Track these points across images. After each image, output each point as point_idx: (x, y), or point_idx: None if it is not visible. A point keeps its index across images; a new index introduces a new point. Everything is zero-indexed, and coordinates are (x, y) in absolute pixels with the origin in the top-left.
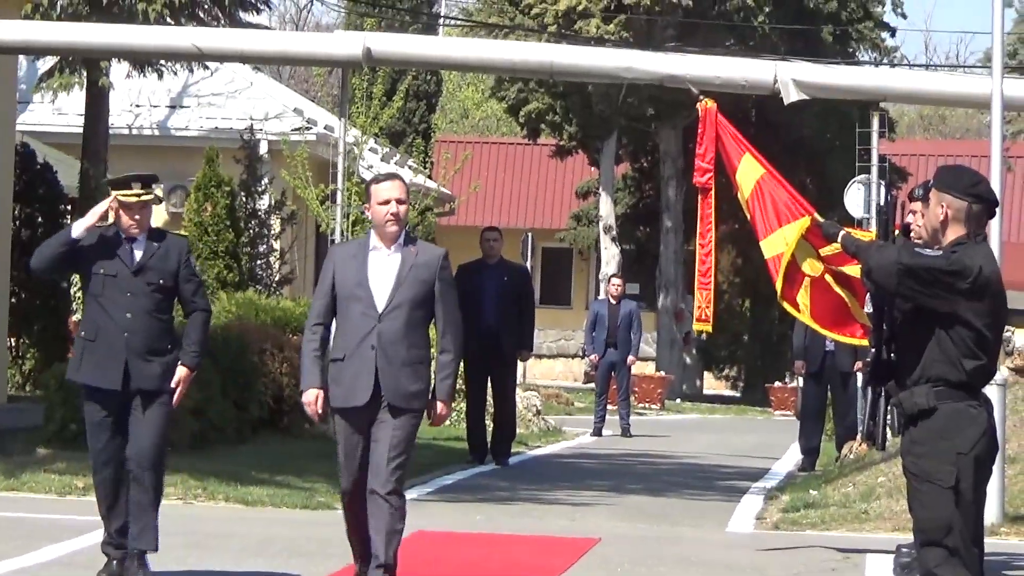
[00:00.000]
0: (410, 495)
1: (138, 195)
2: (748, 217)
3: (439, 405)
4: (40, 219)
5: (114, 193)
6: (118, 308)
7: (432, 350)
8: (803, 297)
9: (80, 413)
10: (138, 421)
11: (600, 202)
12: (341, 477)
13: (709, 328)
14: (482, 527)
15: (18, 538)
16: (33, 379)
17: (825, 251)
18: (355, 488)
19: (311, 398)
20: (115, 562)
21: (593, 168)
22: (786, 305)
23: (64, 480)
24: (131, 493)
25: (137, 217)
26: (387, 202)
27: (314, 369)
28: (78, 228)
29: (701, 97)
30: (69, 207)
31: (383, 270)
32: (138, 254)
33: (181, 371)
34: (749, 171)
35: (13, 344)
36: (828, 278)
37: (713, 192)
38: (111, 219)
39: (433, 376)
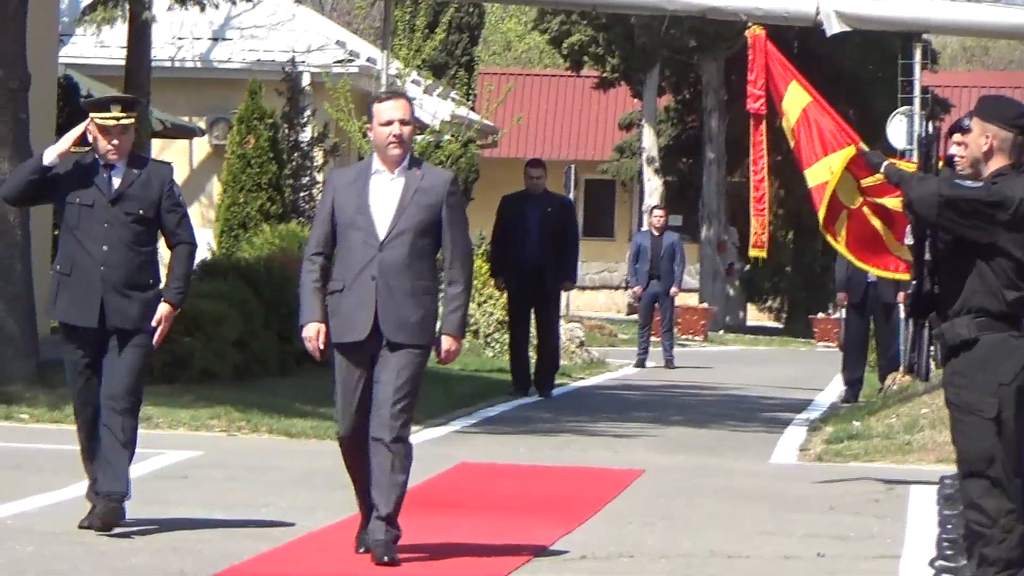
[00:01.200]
0: (453, 427)
1: (117, 118)
2: (792, 145)
3: (447, 340)
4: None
5: (91, 116)
6: (94, 240)
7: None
8: (840, 227)
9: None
10: (113, 361)
11: (643, 134)
12: (338, 421)
13: (764, 254)
14: (525, 459)
15: (61, 471)
16: None
17: (867, 181)
18: (354, 434)
19: (311, 333)
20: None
21: (636, 100)
22: (826, 235)
23: None
24: (102, 437)
25: (116, 142)
26: (389, 123)
27: (314, 302)
28: (50, 154)
29: (750, 24)
30: None
31: (385, 195)
32: (116, 182)
33: (163, 308)
34: (796, 99)
35: None
36: (866, 210)
37: (766, 119)
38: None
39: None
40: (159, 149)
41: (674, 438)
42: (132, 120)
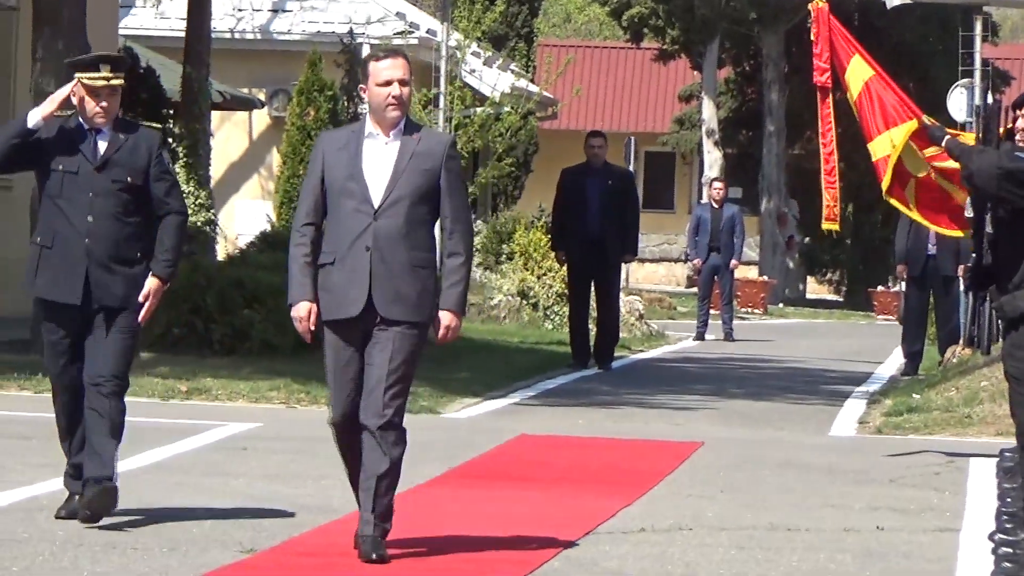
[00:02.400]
0: (513, 399)
1: (107, 79)
2: (857, 117)
3: (447, 316)
4: (142, 123)
5: (77, 76)
6: (78, 210)
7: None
8: (909, 192)
9: (173, 316)
10: (99, 341)
11: (702, 106)
12: (330, 406)
13: (837, 226)
14: (584, 431)
15: (123, 441)
16: None
17: (929, 151)
18: (347, 420)
19: (302, 313)
20: (76, 497)
21: (695, 72)
22: (893, 201)
23: (167, 384)
24: (87, 421)
25: (104, 104)
26: (388, 83)
27: (304, 278)
28: (34, 116)
29: None
30: (171, 111)
31: (379, 160)
32: (103, 147)
33: (151, 283)
34: (858, 72)
35: None
36: (934, 176)
37: (833, 91)
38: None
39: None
40: (218, 121)
41: (734, 410)
42: (121, 81)
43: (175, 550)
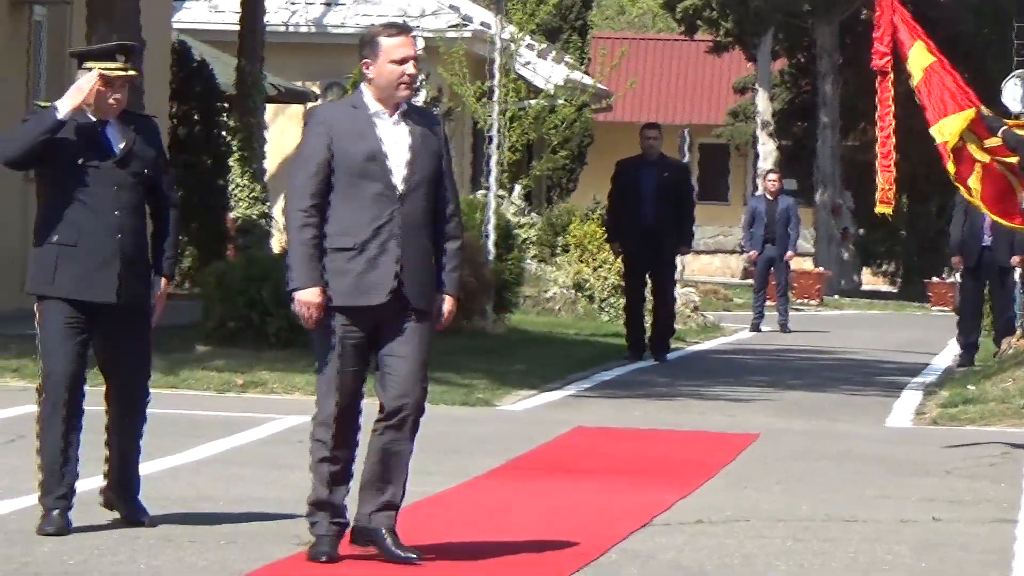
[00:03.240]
0: (569, 391)
1: (124, 69)
2: (918, 102)
3: (450, 302)
4: (197, 116)
5: (97, 66)
6: (105, 205)
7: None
8: (974, 183)
9: (234, 309)
10: (127, 347)
11: (757, 98)
12: (322, 402)
13: (890, 209)
14: (640, 422)
15: (177, 435)
16: (191, 277)
17: (990, 143)
18: (346, 413)
19: (314, 298)
20: (57, 513)
21: (750, 64)
22: (959, 187)
23: (223, 377)
24: (116, 440)
25: (118, 96)
26: (403, 61)
27: (313, 262)
28: (64, 108)
29: None
30: (225, 105)
31: (395, 141)
32: (117, 139)
33: (162, 282)
34: (919, 58)
35: None
36: (996, 164)
37: (891, 76)
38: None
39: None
40: (273, 114)
41: (790, 402)
42: (136, 72)
43: (232, 543)
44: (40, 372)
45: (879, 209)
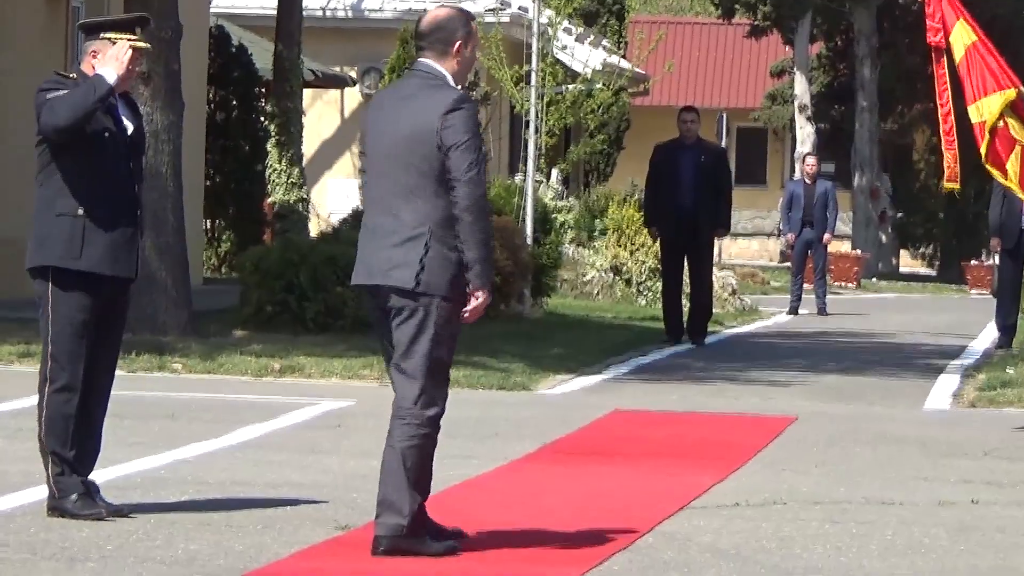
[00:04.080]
0: (606, 375)
1: (144, 41)
2: (959, 80)
3: None
4: (234, 101)
5: (123, 37)
6: (123, 177)
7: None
8: (1013, 165)
9: (267, 295)
10: (114, 323)
11: (794, 81)
12: (445, 395)
13: (957, 186)
14: (678, 406)
15: (215, 420)
16: (229, 261)
17: None
18: None
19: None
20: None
21: (787, 47)
22: (991, 169)
23: (260, 362)
24: (95, 412)
25: (138, 68)
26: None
27: None
28: (111, 75)
29: None
30: (263, 90)
31: None
32: (127, 114)
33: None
34: (962, 36)
35: (208, 227)
36: None
37: (947, 53)
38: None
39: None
40: (310, 99)
41: (827, 385)
42: (148, 45)
43: (269, 527)
44: (49, 352)
45: (947, 186)
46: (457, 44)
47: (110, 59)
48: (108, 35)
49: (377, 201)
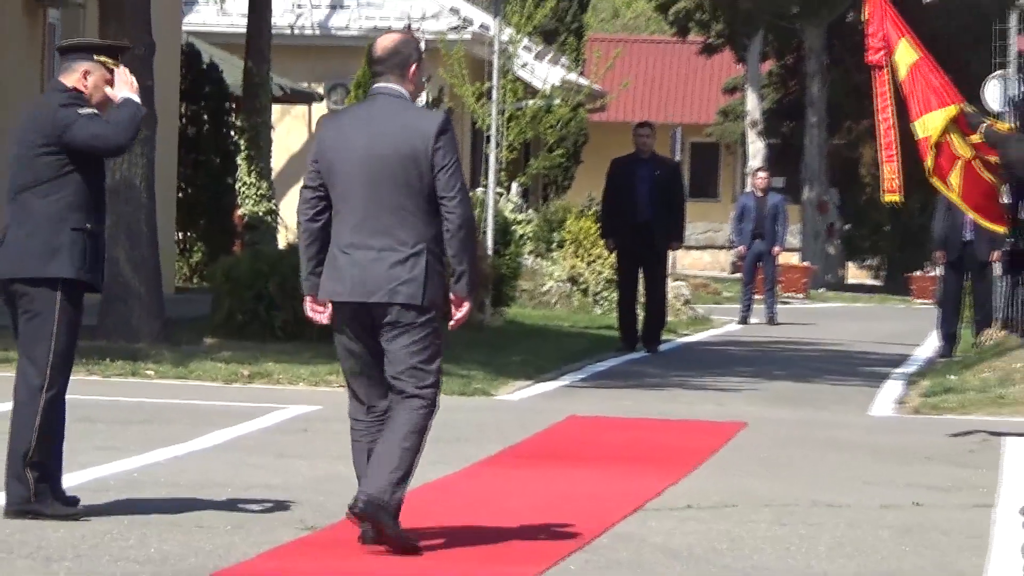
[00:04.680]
0: (564, 381)
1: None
2: (902, 97)
3: None
4: (206, 116)
5: (110, 62)
6: (105, 195)
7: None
8: (955, 178)
9: (244, 304)
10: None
11: (746, 98)
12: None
13: (898, 198)
14: (632, 412)
15: (188, 424)
16: (200, 271)
17: (974, 139)
18: None
19: None
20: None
21: (739, 65)
22: (936, 182)
23: (230, 368)
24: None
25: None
26: None
27: None
28: (137, 98)
29: None
30: (233, 105)
31: None
32: None
33: None
34: (905, 55)
35: (181, 238)
36: (977, 164)
37: (887, 70)
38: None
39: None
40: (279, 114)
41: (776, 391)
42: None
43: (239, 528)
44: (51, 361)
45: (887, 199)
46: (413, 67)
47: (124, 84)
48: (102, 58)
49: (363, 221)
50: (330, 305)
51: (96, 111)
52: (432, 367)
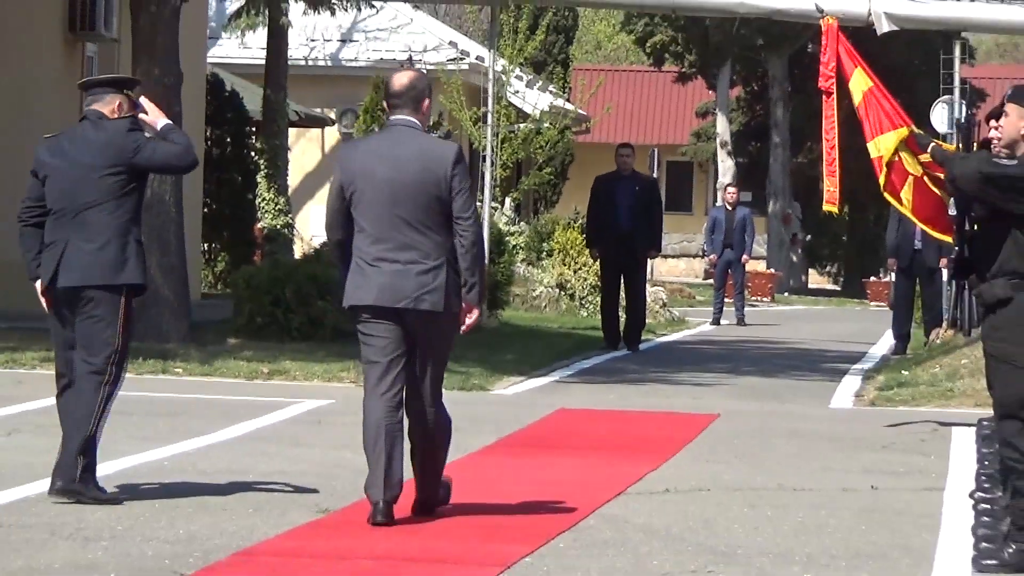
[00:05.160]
0: (553, 377)
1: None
2: (858, 119)
3: None
4: (228, 139)
5: (136, 95)
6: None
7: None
8: (907, 193)
9: (264, 307)
10: None
11: (717, 121)
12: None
13: (836, 209)
14: (616, 404)
15: (213, 417)
16: (224, 279)
17: (924, 157)
18: None
19: None
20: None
21: (710, 91)
22: (888, 197)
23: (251, 366)
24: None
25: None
26: None
27: None
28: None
29: (824, 13)
30: (253, 129)
31: None
32: None
33: None
34: (859, 83)
35: (206, 248)
36: (927, 180)
37: (835, 96)
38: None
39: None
40: (295, 137)
41: (746, 386)
42: None
43: (259, 510)
44: (118, 353)
45: (826, 208)
46: (426, 101)
47: (157, 113)
48: (129, 92)
49: (389, 236)
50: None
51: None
52: (441, 366)
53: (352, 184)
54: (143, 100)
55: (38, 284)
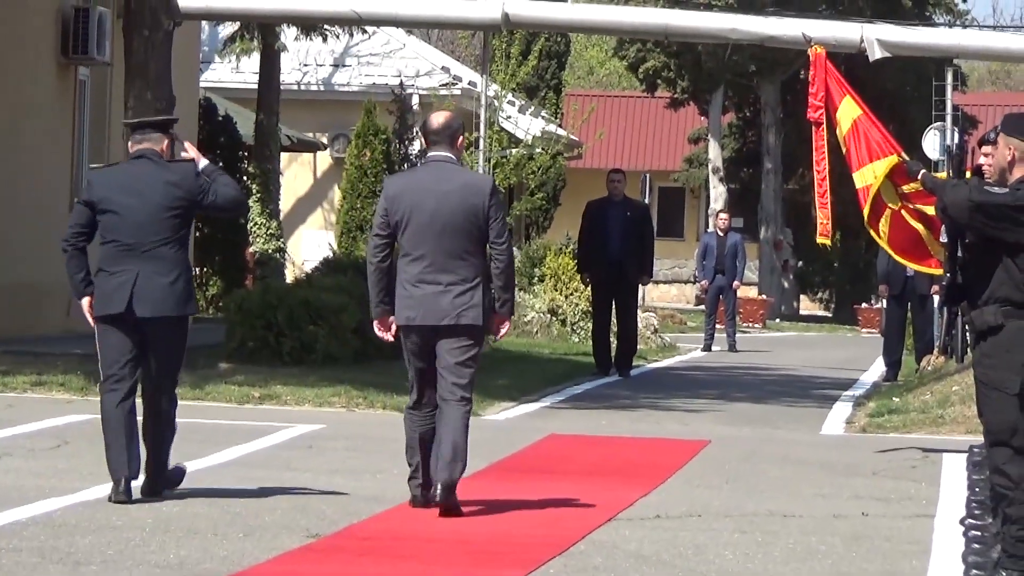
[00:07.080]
0: (544, 402)
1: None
2: (844, 151)
3: None
4: (221, 164)
5: (173, 135)
6: None
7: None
8: (883, 226)
9: (255, 332)
10: None
11: (709, 147)
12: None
13: (828, 241)
14: (606, 430)
15: (204, 441)
16: (216, 303)
17: (906, 188)
18: None
19: None
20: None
21: (702, 117)
22: (870, 230)
23: (243, 391)
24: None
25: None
26: None
27: None
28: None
29: (812, 43)
30: (246, 153)
31: None
32: None
33: None
34: (848, 111)
35: (198, 273)
36: (905, 213)
37: (825, 125)
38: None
39: None
40: (287, 161)
41: (737, 412)
42: None
43: (250, 535)
44: (178, 379)
45: (819, 240)
46: (460, 138)
47: (198, 153)
48: (172, 132)
49: (433, 262)
50: (394, 327)
51: None
52: (473, 373)
53: (400, 215)
54: (187, 144)
55: (85, 301)
